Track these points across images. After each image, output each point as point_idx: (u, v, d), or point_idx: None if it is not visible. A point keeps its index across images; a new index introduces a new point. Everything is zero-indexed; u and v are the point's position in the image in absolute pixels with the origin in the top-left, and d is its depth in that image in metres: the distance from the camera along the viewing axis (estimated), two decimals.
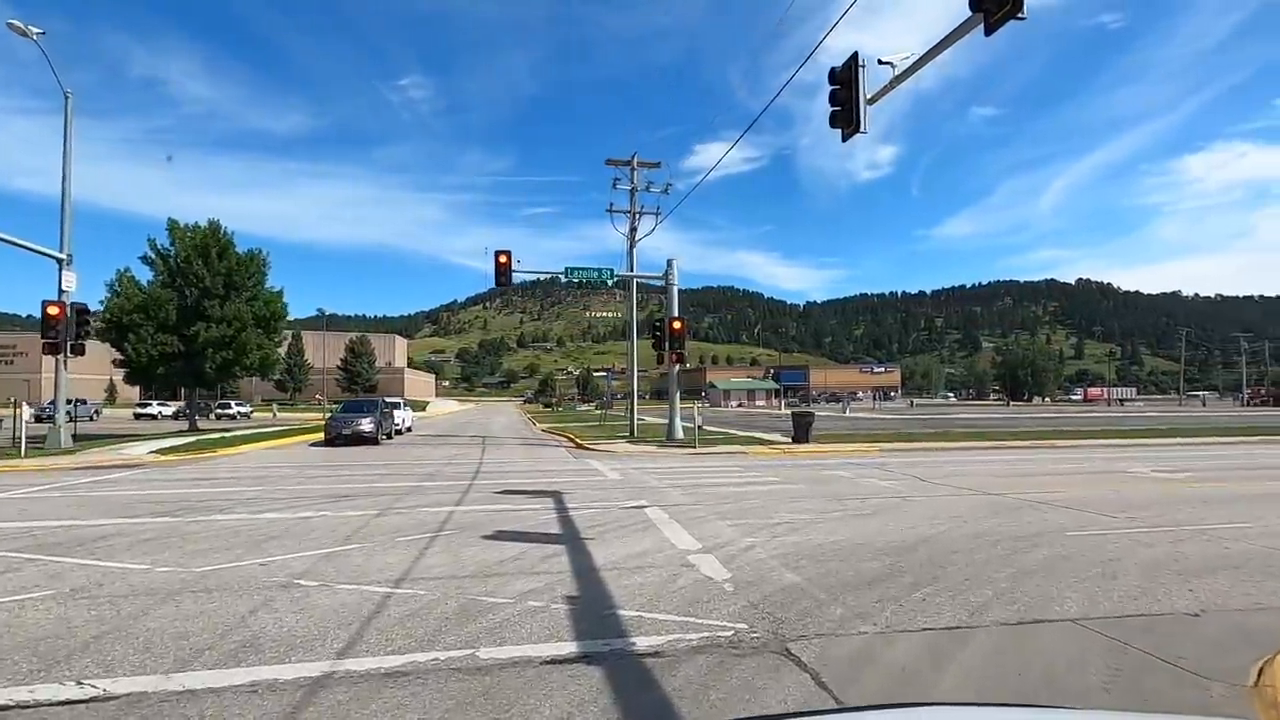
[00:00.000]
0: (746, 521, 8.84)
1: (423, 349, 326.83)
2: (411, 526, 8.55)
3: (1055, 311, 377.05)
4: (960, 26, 8.23)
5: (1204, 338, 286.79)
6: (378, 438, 24.93)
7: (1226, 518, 8.94)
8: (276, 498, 11.26)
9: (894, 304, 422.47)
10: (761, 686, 3.75)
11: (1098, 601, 5.29)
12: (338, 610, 5.11)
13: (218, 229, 30.44)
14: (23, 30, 17.88)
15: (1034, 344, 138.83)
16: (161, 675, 3.91)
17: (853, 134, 9.84)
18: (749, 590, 5.65)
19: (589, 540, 7.71)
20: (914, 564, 6.51)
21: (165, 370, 29.30)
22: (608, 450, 21.51)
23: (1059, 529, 8.19)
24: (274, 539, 7.78)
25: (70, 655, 4.22)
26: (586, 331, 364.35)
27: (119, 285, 28.62)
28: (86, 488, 12.71)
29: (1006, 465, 16.52)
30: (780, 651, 4.28)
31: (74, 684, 3.80)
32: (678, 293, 24.93)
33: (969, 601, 5.29)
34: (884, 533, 8.05)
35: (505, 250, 22.36)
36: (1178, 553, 6.94)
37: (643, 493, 11.73)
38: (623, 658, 4.19)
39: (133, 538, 7.89)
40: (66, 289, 19.37)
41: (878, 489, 12.01)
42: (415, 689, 3.70)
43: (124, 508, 10.18)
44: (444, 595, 5.49)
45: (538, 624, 4.80)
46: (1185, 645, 4.39)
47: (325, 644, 4.41)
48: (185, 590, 5.65)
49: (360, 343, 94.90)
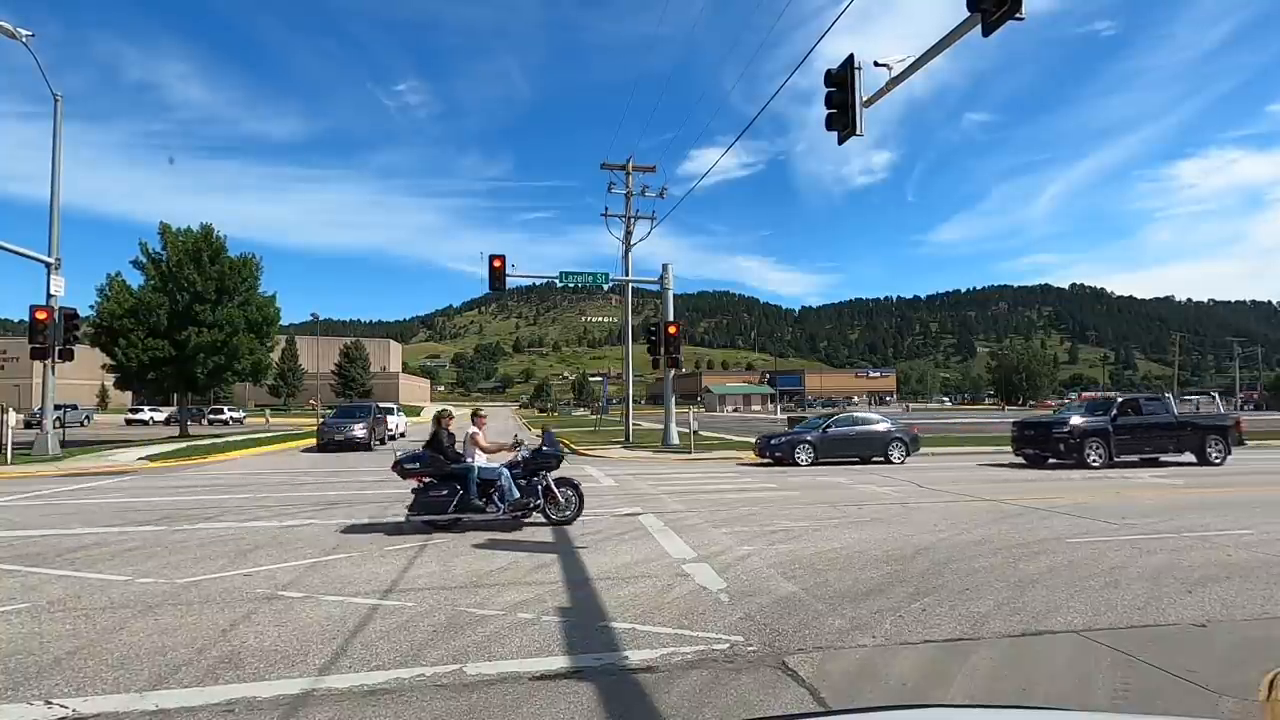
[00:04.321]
0: (742, 529, 8.72)
1: (418, 354, 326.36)
2: (401, 535, 8.39)
3: (1049, 316, 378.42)
4: (958, 28, 8.16)
5: (1197, 343, 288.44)
6: (370, 443, 24.73)
7: (1228, 524, 8.84)
8: (265, 505, 11.08)
9: (889, 309, 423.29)
10: (758, 703, 3.61)
11: (1102, 612, 5.17)
12: (322, 623, 4.96)
13: (210, 233, 30.21)
14: (11, 32, 17.70)
15: (1029, 349, 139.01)
16: (135, 694, 3.75)
17: (849, 137, 9.76)
18: (745, 601, 5.51)
19: (582, 549, 7.57)
20: (913, 573, 6.38)
21: (156, 375, 29.00)
22: (602, 456, 21.36)
23: (1060, 536, 8.09)
24: (260, 548, 7.61)
25: (41, 672, 4.06)
26: (582, 336, 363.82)
27: (109, 289, 28.35)
28: (72, 495, 12.49)
29: (1004, 470, 16.44)
30: (777, 666, 4.14)
31: (42, 703, 3.64)
32: (673, 297, 24.85)
33: (970, 612, 5.17)
34: (882, 540, 7.93)
35: (500, 255, 22.49)
36: (1181, 560, 6.84)
37: (637, 499, 11.59)
38: (615, 673, 4.05)
39: (116, 547, 7.71)
40: (55, 293, 19.15)
41: (875, 495, 11.90)
42: (398, 708, 3.56)
43: (109, 516, 9.99)
44: (432, 607, 5.34)
45: (528, 637, 4.66)
46: (1193, 657, 4.28)
47: (307, 659, 4.25)
48: (166, 603, 5.49)
49: (355, 348, 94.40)
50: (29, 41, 18.19)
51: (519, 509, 8.78)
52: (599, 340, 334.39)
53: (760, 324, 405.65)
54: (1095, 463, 16.64)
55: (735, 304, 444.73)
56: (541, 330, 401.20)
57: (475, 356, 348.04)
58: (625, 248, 27.38)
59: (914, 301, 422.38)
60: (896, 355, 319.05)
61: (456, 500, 8.59)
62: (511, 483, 8.79)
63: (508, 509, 8.72)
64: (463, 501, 8.62)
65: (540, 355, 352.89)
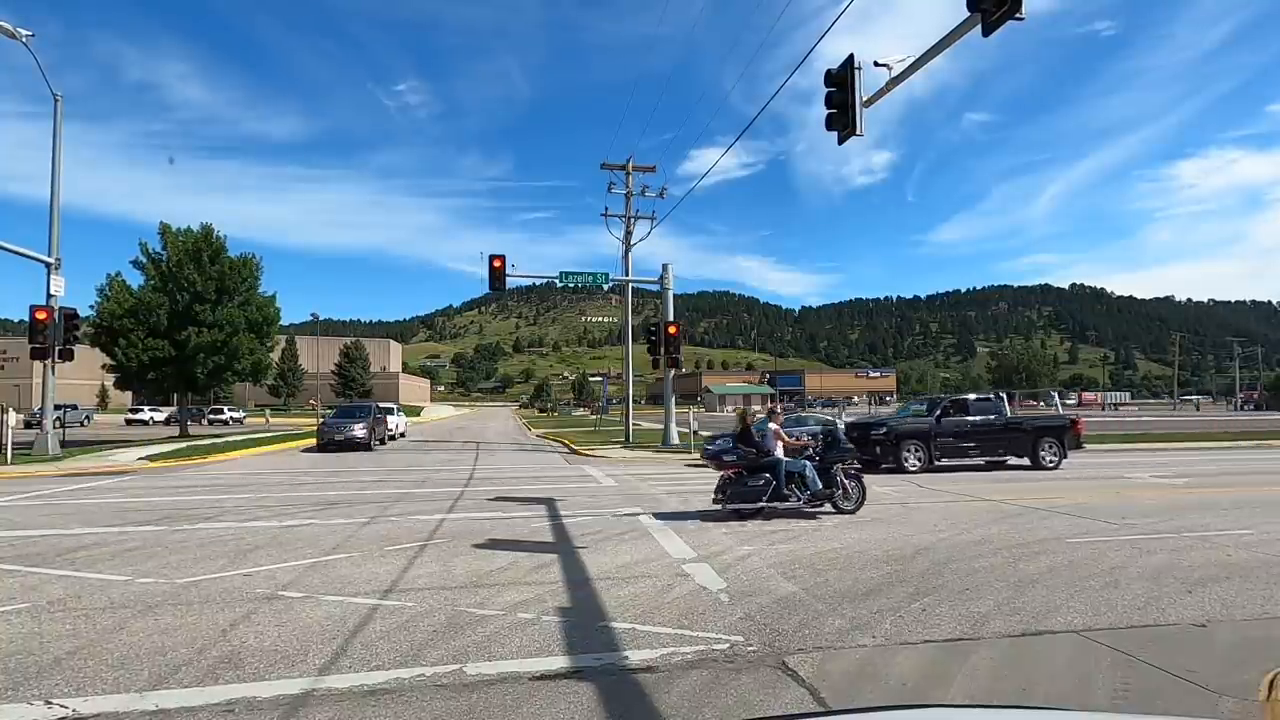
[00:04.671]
0: (742, 529, 8.72)
1: (418, 354, 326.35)
2: (401, 535, 8.40)
3: (1049, 316, 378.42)
4: (958, 28, 8.16)
5: (1197, 343, 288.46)
6: (370, 443, 24.73)
7: (1228, 524, 8.84)
8: (265, 505, 11.08)
9: (889, 309, 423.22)
10: (758, 703, 3.61)
11: (1102, 612, 5.17)
12: (322, 623, 4.96)
13: (210, 233, 30.21)
14: (11, 32, 17.70)
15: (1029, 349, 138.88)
16: (135, 694, 3.75)
17: (849, 137, 9.76)
18: (745, 601, 5.51)
19: (582, 549, 7.57)
20: (913, 573, 6.38)
21: (156, 375, 29.00)
22: (603, 456, 21.36)
23: (1059, 536, 8.09)
24: (260, 548, 7.61)
25: (41, 672, 4.06)
26: (582, 336, 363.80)
27: (109, 289, 28.35)
28: (72, 495, 12.49)
29: (1004, 470, 16.44)
30: (777, 665, 4.15)
31: (42, 704, 3.64)
32: (673, 297, 24.85)
33: (970, 612, 5.17)
34: (882, 540, 7.93)
35: (500, 255, 22.50)
36: (1181, 560, 6.84)
37: (637, 499, 11.59)
38: (615, 673, 4.05)
39: (116, 547, 7.71)
40: (55, 293, 19.15)
41: (875, 495, 11.87)
42: (398, 708, 3.56)
43: (109, 516, 9.99)
44: (432, 607, 5.34)
45: (528, 637, 4.66)
46: (1193, 657, 4.28)
47: (307, 659, 4.26)
48: (165, 603, 5.49)
49: (355, 347, 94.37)
50: (29, 41, 18.19)
51: (820, 499, 9.59)
52: (599, 340, 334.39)
53: (760, 324, 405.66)
54: (913, 467, 15.72)
55: (735, 304, 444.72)
56: (541, 330, 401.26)
57: (475, 356, 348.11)
58: (625, 248, 27.38)
59: (914, 301, 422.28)
60: (896, 355, 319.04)
61: (771, 491, 9.35)
62: (815, 475, 9.54)
63: (807, 499, 9.50)
64: (775, 492, 9.39)
65: (540, 355, 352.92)
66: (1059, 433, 16.70)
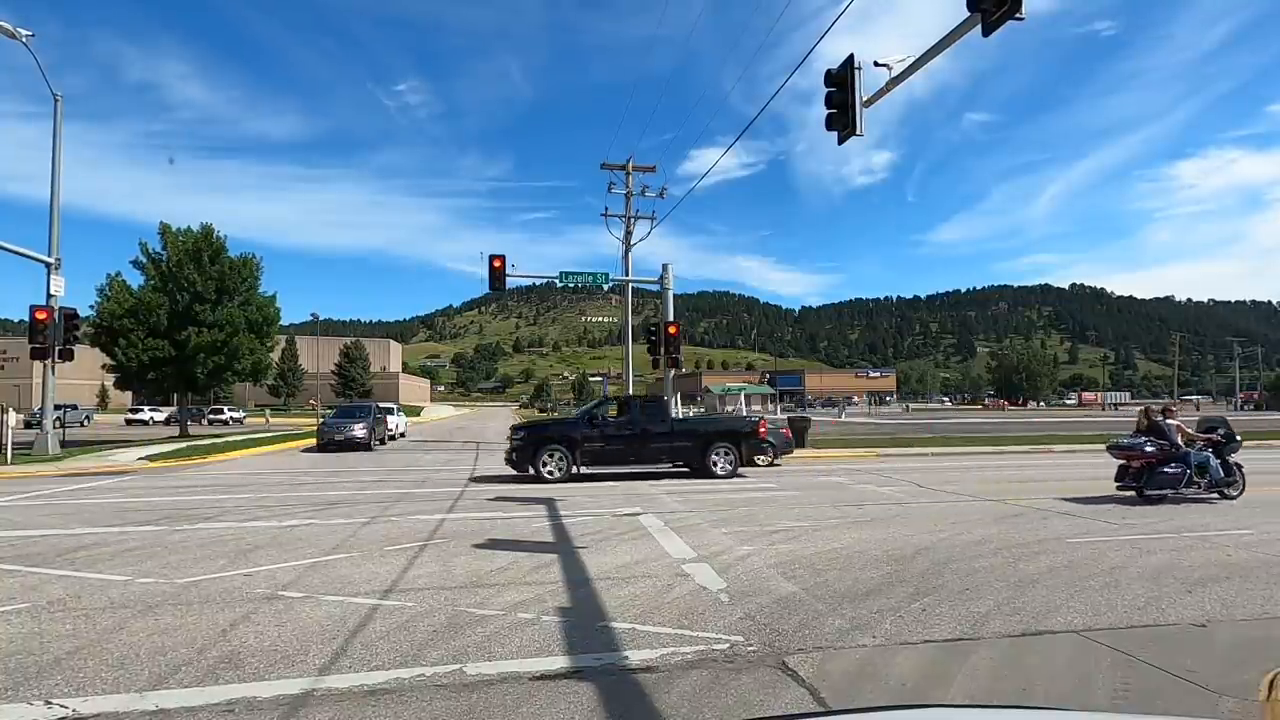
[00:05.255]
0: (742, 529, 8.72)
1: (418, 354, 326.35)
2: (401, 535, 8.40)
3: (1049, 316, 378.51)
4: (958, 28, 8.16)
5: (1197, 343, 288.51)
6: (370, 443, 24.73)
7: (1228, 524, 8.85)
8: (265, 505, 11.08)
9: (889, 309, 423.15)
10: (758, 703, 3.61)
11: (1101, 612, 5.17)
12: (322, 623, 4.96)
13: (210, 233, 30.22)
14: (11, 32, 17.71)
15: (1029, 349, 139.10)
16: (135, 694, 3.75)
17: (849, 137, 9.76)
18: (745, 601, 5.51)
19: (582, 549, 7.57)
20: (913, 573, 6.38)
21: (156, 375, 29.01)
22: None
23: (1060, 536, 8.09)
24: (260, 548, 7.61)
25: (41, 672, 4.06)
26: (582, 336, 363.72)
27: (109, 289, 28.36)
28: (72, 495, 12.49)
29: (1004, 470, 16.44)
30: (777, 666, 4.15)
31: (42, 704, 3.64)
32: (673, 297, 24.84)
33: (970, 612, 5.17)
34: (882, 540, 7.93)
35: (500, 255, 22.47)
36: (1181, 560, 6.84)
37: (637, 499, 11.59)
38: (615, 673, 4.05)
39: (116, 547, 7.71)
40: (55, 293, 19.16)
41: (875, 495, 11.90)
42: (398, 708, 3.56)
43: (109, 516, 9.99)
44: (432, 607, 5.34)
45: (528, 637, 4.66)
46: (1193, 657, 4.28)
47: (307, 659, 4.26)
48: (165, 603, 5.49)
49: (355, 347, 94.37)
50: (29, 41, 18.20)
51: (1221, 486, 10.81)
52: (599, 340, 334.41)
53: (760, 324, 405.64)
54: (553, 475, 14.12)
55: (735, 304, 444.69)
56: (541, 330, 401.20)
57: (475, 356, 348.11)
58: (625, 248, 27.38)
59: (914, 301, 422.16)
60: (896, 355, 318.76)
61: (1185, 479, 10.55)
62: (1217, 465, 10.78)
63: (1206, 486, 10.73)
64: (1188, 480, 10.58)
65: (540, 355, 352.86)
66: (738, 439, 15.09)
